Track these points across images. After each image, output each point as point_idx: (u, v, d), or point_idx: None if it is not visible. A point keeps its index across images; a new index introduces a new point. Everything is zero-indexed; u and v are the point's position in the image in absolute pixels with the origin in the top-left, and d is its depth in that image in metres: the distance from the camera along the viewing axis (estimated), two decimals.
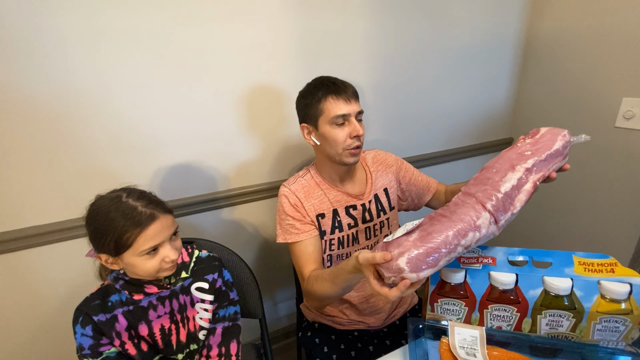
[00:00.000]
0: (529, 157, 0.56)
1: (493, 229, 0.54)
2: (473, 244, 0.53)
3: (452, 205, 0.57)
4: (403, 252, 0.50)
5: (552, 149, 0.57)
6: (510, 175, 0.55)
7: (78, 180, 0.89)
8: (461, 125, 1.47)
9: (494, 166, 0.58)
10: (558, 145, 0.57)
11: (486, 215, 0.53)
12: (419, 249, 0.50)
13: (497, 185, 0.54)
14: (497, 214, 0.53)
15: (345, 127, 0.77)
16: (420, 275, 0.50)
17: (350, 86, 0.79)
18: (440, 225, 0.52)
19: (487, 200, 0.53)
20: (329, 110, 0.76)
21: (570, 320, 0.58)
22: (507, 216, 0.54)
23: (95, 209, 0.61)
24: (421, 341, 0.64)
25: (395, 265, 0.50)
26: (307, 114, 0.80)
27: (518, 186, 0.54)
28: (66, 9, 0.77)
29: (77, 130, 0.86)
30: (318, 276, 0.74)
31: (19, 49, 0.76)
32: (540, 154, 0.56)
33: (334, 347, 0.88)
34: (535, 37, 1.44)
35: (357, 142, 0.78)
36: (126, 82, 0.87)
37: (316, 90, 0.78)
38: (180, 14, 0.87)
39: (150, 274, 0.64)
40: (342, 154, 0.78)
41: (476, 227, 0.52)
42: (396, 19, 1.16)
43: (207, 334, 0.74)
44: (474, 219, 0.52)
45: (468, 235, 0.52)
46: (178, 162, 1.00)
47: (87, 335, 0.63)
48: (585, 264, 0.58)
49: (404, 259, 0.50)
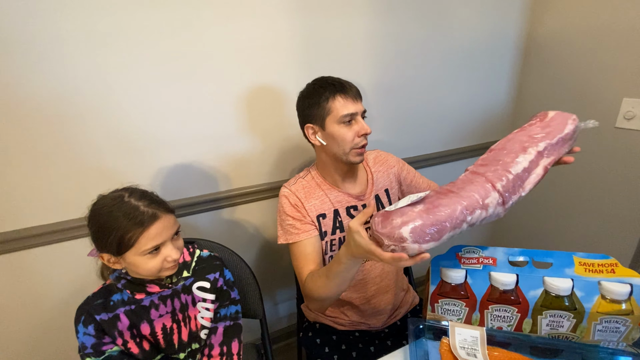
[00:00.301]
0: (541, 139, 0.55)
1: (499, 210, 0.53)
2: (477, 222, 0.52)
3: (459, 182, 0.55)
4: (407, 221, 0.49)
5: (564, 133, 0.56)
6: (522, 157, 0.54)
7: (79, 180, 0.89)
8: (462, 125, 1.47)
9: (505, 147, 0.57)
10: (569, 129, 0.56)
11: (495, 195, 0.52)
12: (424, 219, 0.48)
13: (508, 166, 0.53)
14: (506, 195, 0.52)
15: (352, 126, 0.77)
16: (422, 247, 0.48)
17: (354, 86, 0.79)
18: (448, 200, 0.51)
19: (498, 180, 0.52)
20: (337, 109, 0.76)
21: (570, 320, 0.58)
22: (515, 198, 0.53)
23: (97, 209, 0.61)
24: (422, 341, 0.64)
25: (397, 234, 0.48)
26: (312, 114, 0.80)
27: (529, 169, 0.53)
28: (66, 11, 0.77)
29: (78, 131, 0.86)
30: (314, 274, 0.74)
31: (19, 50, 0.76)
32: (552, 138, 0.55)
33: (335, 347, 0.88)
34: (536, 37, 1.44)
35: (365, 140, 0.79)
36: (127, 83, 0.87)
37: (322, 90, 0.78)
38: (180, 15, 0.88)
39: (152, 274, 0.64)
40: (349, 153, 0.79)
41: (484, 205, 0.51)
42: (397, 19, 1.16)
43: (208, 333, 0.74)
44: (483, 197, 0.51)
45: (475, 212, 0.50)
46: (179, 163, 1.00)
47: (89, 335, 0.64)
48: (585, 265, 0.59)
49: (408, 228, 0.48)
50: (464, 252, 0.63)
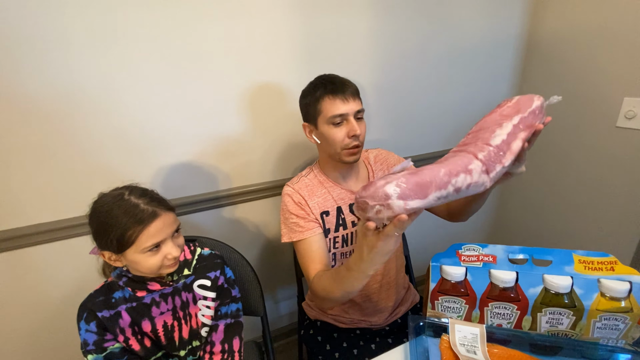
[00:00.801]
0: (514, 114, 0.57)
1: (484, 178, 0.53)
2: (464, 188, 0.52)
3: (443, 158, 0.56)
4: (391, 180, 0.48)
5: (533, 107, 0.58)
6: (499, 131, 0.56)
7: (81, 178, 0.90)
8: (463, 124, 1.47)
9: (481, 127, 0.59)
10: (536, 104, 0.59)
11: (478, 162, 0.53)
12: (408, 178, 0.48)
13: (488, 139, 0.55)
14: (489, 165, 0.53)
15: (343, 127, 0.77)
16: (408, 204, 0.47)
17: (349, 85, 0.78)
18: (431, 166, 0.52)
19: (479, 151, 0.54)
20: (326, 109, 0.76)
21: (570, 318, 0.58)
22: (498, 168, 0.54)
23: (98, 207, 0.62)
24: (422, 338, 0.64)
25: (382, 191, 0.47)
26: (308, 113, 0.81)
27: (508, 141, 0.55)
28: (70, 10, 0.78)
29: (80, 129, 0.86)
30: (322, 276, 0.74)
31: (24, 49, 0.77)
32: (524, 111, 0.58)
33: (337, 345, 0.88)
34: (537, 36, 1.44)
35: (355, 141, 0.78)
36: (129, 82, 0.88)
37: (315, 90, 0.78)
38: (183, 14, 0.88)
39: (153, 271, 0.65)
40: (340, 153, 0.79)
41: (468, 170, 0.52)
42: (398, 18, 1.16)
43: (209, 331, 0.75)
44: (466, 163, 0.52)
45: (459, 175, 0.51)
46: (180, 161, 1.00)
47: (91, 331, 0.64)
48: (585, 262, 0.59)
49: (392, 184, 0.47)
50: (464, 250, 0.64)
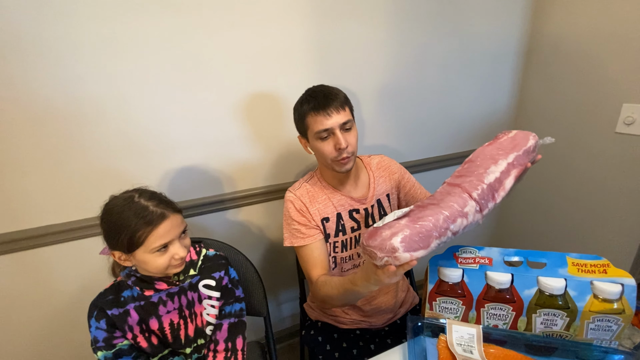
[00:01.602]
0: (510, 151, 0.61)
1: (478, 217, 0.57)
2: (460, 230, 0.56)
3: (438, 194, 0.59)
4: (396, 232, 0.52)
5: (527, 146, 0.62)
6: (493, 168, 0.59)
7: (90, 181, 0.93)
8: (464, 129, 1.49)
9: (476, 160, 0.62)
10: (531, 143, 0.63)
11: (472, 203, 0.56)
12: (412, 229, 0.52)
13: (482, 177, 0.58)
14: (482, 203, 0.56)
15: (330, 140, 0.78)
16: (413, 255, 0.51)
17: (334, 97, 0.77)
18: (430, 212, 0.55)
19: (473, 189, 0.57)
20: (312, 125, 0.78)
21: (564, 319, 0.60)
22: (490, 205, 0.58)
23: (109, 209, 0.65)
24: (420, 339, 0.66)
25: (389, 245, 0.51)
26: (299, 128, 0.84)
27: (501, 178, 0.59)
28: (81, 17, 0.81)
29: (90, 133, 0.90)
30: (326, 282, 0.76)
31: (36, 54, 0.80)
32: (519, 150, 0.62)
33: (336, 345, 0.90)
34: (537, 42, 1.46)
35: (343, 153, 0.78)
36: (137, 88, 0.91)
37: (302, 105, 0.80)
38: (189, 24, 0.91)
39: (160, 271, 0.67)
40: (331, 164, 0.81)
41: (463, 214, 0.55)
42: (398, 25, 1.19)
43: (213, 329, 0.77)
44: (462, 206, 0.55)
45: (457, 220, 0.54)
46: (186, 165, 1.03)
47: (101, 329, 0.67)
48: (578, 265, 0.60)
49: (398, 238, 0.51)
50: (461, 252, 0.66)
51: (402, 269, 0.53)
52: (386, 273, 0.53)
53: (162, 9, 0.88)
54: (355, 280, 0.64)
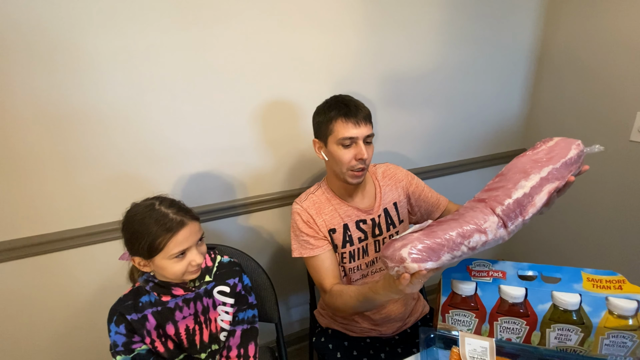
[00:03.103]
0: (544, 164, 0.57)
1: (502, 233, 0.55)
2: (479, 246, 0.55)
3: (462, 209, 0.60)
4: (406, 243, 0.53)
5: (567, 157, 0.57)
6: (523, 182, 0.56)
7: (107, 187, 0.95)
8: (474, 136, 1.49)
9: (507, 174, 0.60)
10: (572, 153, 0.58)
11: (494, 219, 0.54)
12: (422, 242, 0.53)
13: (509, 191, 0.56)
14: (507, 219, 0.55)
15: (351, 149, 0.79)
16: (421, 266, 0.52)
17: (363, 109, 0.80)
18: (446, 225, 0.55)
19: (497, 205, 0.55)
20: (337, 131, 0.79)
21: (578, 334, 0.60)
22: (517, 222, 0.55)
23: (131, 216, 0.67)
24: (432, 350, 0.66)
25: (398, 255, 0.53)
26: (319, 130, 0.84)
27: (531, 194, 0.55)
28: (102, 28, 0.84)
29: (109, 140, 0.92)
30: (342, 292, 0.77)
31: (58, 64, 0.82)
32: (555, 162, 0.57)
33: (347, 353, 0.91)
34: (550, 48, 1.45)
35: (362, 164, 0.80)
36: (154, 96, 0.93)
37: (329, 110, 0.81)
38: (205, 34, 0.93)
39: (178, 276, 0.69)
40: (345, 173, 0.81)
41: (482, 230, 0.54)
42: (408, 32, 1.19)
43: (227, 336, 0.79)
44: (481, 222, 0.54)
45: (473, 236, 0.54)
46: (200, 171, 1.05)
47: (120, 333, 0.69)
48: (593, 281, 0.60)
49: (407, 249, 0.53)
50: (475, 265, 0.66)
51: (415, 278, 0.53)
52: (403, 282, 0.54)
53: (179, 21, 0.90)
54: (377, 288, 0.66)
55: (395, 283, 0.57)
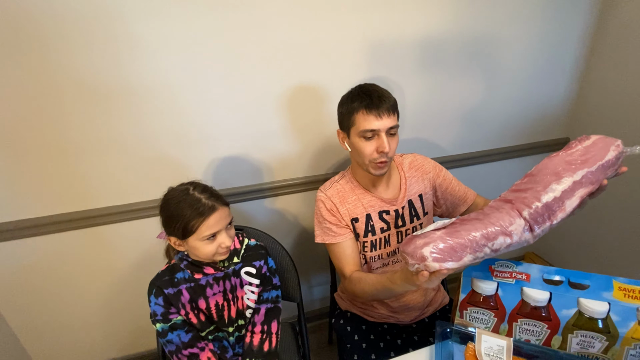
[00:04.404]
0: (578, 167, 0.53)
1: (527, 237, 0.54)
2: (503, 249, 0.53)
3: (487, 208, 0.57)
4: (428, 242, 0.53)
5: (605, 159, 0.53)
6: (554, 186, 0.53)
7: (146, 168, 1.02)
8: (512, 121, 1.39)
9: (538, 174, 0.56)
10: (610, 155, 0.53)
11: (520, 222, 0.53)
12: (444, 241, 0.52)
13: (538, 194, 0.53)
14: (533, 223, 0.53)
15: (373, 141, 0.78)
16: (442, 266, 0.52)
17: (386, 100, 0.77)
18: (470, 225, 0.54)
19: (525, 207, 0.53)
20: (359, 123, 0.78)
21: (602, 342, 0.58)
22: (544, 226, 0.53)
23: (168, 199, 0.72)
24: (448, 343, 0.67)
25: (419, 253, 0.53)
26: (342, 121, 0.84)
27: (562, 198, 0.52)
28: (139, 17, 0.86)
29: (146, 123, 0.97)
30: (361, 279, 0.80)
31: (99, 50, 0.86)
32: (591, 165, 0.53)
33: (364, 336, 0.95)
34: (605, 30, 1.29)
35: (383, 157, 0.78)
36: (187, 82, 0.96)
37: (352, 101, 0.79)
38: (237, 19, 0.93)
39: (208, 257, 0.74)
40: (367, 164, 0.81)
41: (508, 232, 0.52)
42: (451, 12, 1.11)
43: (252, 313, 0.85)
44: (507, 224, 0.52)
45: (498, 238, 0.52)
46: (229, 154, 1.09)
47: (159, 304, 0.76)
48: (625, 290, 0.58)
49: (429, 248, 0.52)
50: (497, 266, 0.65)
51: (434, 276, 0.54)
52: (421, 278, 0.55)
53: (214, 6, 0.90)
54: (395, 279, 0.67)
55: (413, 278, 0.57)
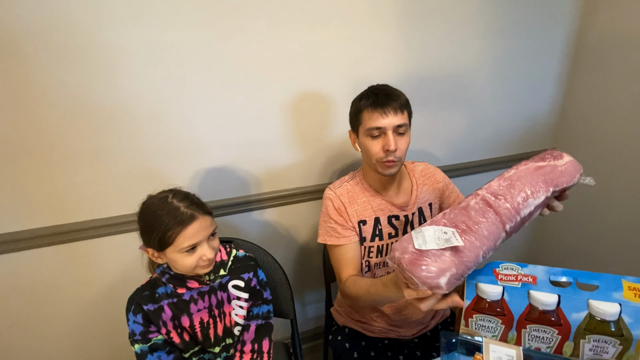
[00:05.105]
0: (552, 184, 0.58)
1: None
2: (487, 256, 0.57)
3: (472, 213, 0.57)
4: (444, 269, 0.52)
5: (571, 183, 0.59)
6: (531, 200, 0.57)
7: (129, 179, 0.97)
8: (503, 133, 1.42)
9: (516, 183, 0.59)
10: (575, 181, 0.60)
11: (503, 235, 0.57)
12: (457, 268, 0.53)
13: (519, 208, 0.57)
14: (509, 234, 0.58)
15: (380, 140, 0.77)
16: (450, 289, 0.53)
17: (394, 98, 0.76)
18: (470, 244, 0.54)
19: (508, 222, 0.57)
20: (365, 121, 0.77)
21: (616, 347, 0.55)
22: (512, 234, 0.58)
23: (145, 207, 0.68)
24: (454, 355, 0.63)
25: (435, 283, 0.52)
26: (352, 121, 0.83)
27: (533, 212, 0.58)
28: (128, 26, 0.85)
29: (131, 133, 0.93)
30: (356, 282, 0.77)
31: (87, 60, 0.84)
32: (561, 185, 0.59)
33: (364, 353, 0.89)
34: (587, 41, 1.34)
35: (390, 156, 0.76)
36: (176, 91, 0.93)
37: (359, 100, 0.79)
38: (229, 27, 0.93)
39: (189, 270, 0.69)
40: (375, 164, 0.79)
41: (496, 247, 0.57)
42: (437, 27, 1.15)
43: (241, 330, 0.78)
44: (496, 239, 0.56)
45: (490, 252, 0.56)
46: (218, 165, 1.05)
47: (138, 323, 0.70)
48: (636, 290, 0.55)
49: (445, 278, 0.52)
50: (502, 269, 0.62)
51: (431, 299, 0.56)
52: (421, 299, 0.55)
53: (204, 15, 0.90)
54: (386, 281, 0.66)
55: (402, 287, 0.57)
